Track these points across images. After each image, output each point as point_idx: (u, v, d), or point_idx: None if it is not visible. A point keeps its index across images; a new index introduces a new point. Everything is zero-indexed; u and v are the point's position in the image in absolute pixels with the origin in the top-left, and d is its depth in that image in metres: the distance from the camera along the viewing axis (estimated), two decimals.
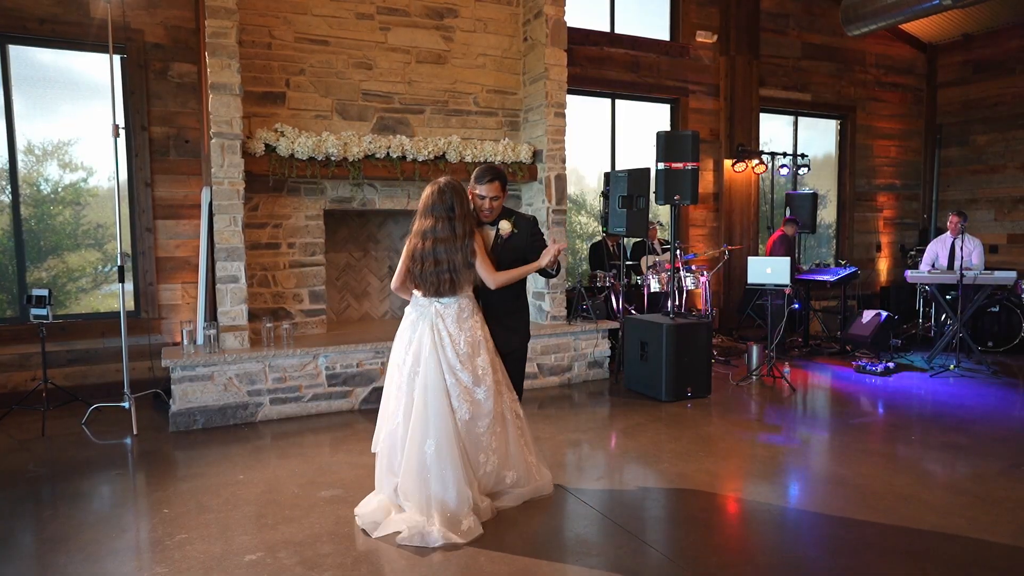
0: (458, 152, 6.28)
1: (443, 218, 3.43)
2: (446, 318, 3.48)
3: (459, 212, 3.45)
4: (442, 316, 3.48)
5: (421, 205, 3.50)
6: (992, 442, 4.75)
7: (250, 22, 5.81)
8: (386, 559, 3.12)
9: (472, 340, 3.50)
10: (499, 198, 3.67)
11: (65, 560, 3.10)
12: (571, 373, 6.55)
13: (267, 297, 6.00)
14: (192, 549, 3.19)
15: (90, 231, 6.19)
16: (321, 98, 6.14)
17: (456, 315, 3.49)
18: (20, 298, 5.77)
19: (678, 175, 6.07)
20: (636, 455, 4.52)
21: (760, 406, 5.80)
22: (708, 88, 8.89)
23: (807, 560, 3.10)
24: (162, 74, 6.03)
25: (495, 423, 3.51)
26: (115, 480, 4.13)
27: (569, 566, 3.06)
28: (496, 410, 3.51)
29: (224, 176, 5.33)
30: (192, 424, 5.11)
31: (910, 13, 8.19)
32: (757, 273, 6.55)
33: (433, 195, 3.46)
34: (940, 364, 7.02)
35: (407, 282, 3.55)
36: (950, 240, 7.68)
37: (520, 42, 6.91)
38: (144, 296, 6.10)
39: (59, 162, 6.03)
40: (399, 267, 3.55)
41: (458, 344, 3.46)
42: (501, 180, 3.66)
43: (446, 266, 3.41)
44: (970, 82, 10.11)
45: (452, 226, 3.43)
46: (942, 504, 3.70)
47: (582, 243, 8.67)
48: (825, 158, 10.24)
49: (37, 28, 5.63)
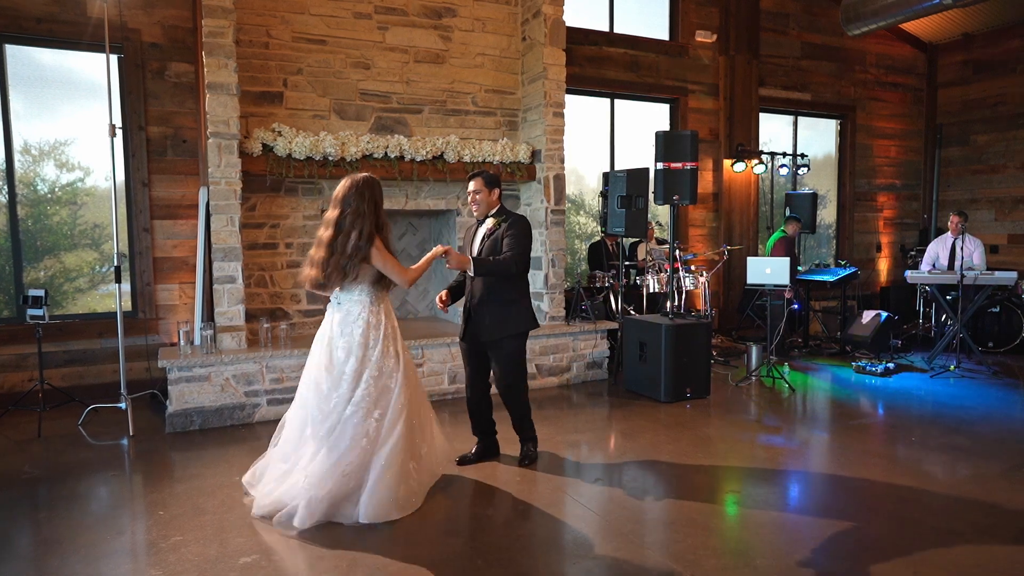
0: (456, 152, 6.26)
1: (349, 212, 3.51)
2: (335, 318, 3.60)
3: (357, 208, 3.50)
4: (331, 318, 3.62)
5: (334, 195, 3.59)
6: (993, 443, 4.73)
7: (247, 21, 5.79)
8: (383, 560, 3.10)
9: (347, 346, 3.55)
10: (480, 192, 4.05)
11: (60, 562, 3.08)
12: (570, 374, 6.53)
13: (264, 297, 5.98)
14: (187, 551, 3.17)
15: (87, 231, 6.17)
16: (319, 98, 6.12)
17: (343, 318, 3.58)
18: (16, 298, 5.75)
19: (677, 175, 6.05)
20: (635, 456, 4.50)
21: (759, 407, 5.78)
22: (707, 88, 8.87)
23: (806, 563, 3.07)
24: (159, 74, 6.01)
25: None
26: (111, 482, 4.11)
27: (567, 568, 3.04)
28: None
29: (221, 176, 5.31)
30: (189, 425, 5.09)
31: (910, 12, 8.17)
32: (756, 273, 6.53)
33: (346, 188, 3.55)
34: (940, 365, 7.00)
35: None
36: (951, 240, 7.66)
37: (519, 42, 6.89)
38: (141, 296, 6.09)
39: (56, 162, 6.01)
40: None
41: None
42: (483, 177, 4.07)
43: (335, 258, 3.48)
44: (970, 82, 10.09)
45: (349, 221, 3.49)
46: (942, 506, 3.68)
47: (581, 243, 8.65)
48: (825, 158, 10.22)
49: (34, 27, 5.61)
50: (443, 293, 4.19)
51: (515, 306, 4.05)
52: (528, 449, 4.34)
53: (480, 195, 4.06)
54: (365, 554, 3.14)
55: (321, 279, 3.52)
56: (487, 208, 4.13)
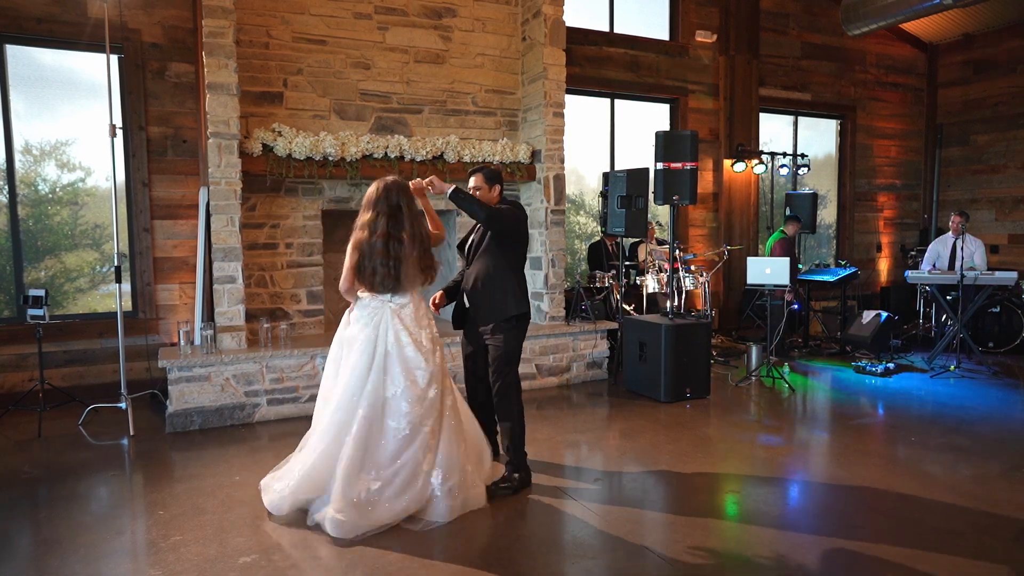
0: (456, 152, 6.26)
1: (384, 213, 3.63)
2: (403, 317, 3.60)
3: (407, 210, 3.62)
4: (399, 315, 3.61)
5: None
6: (993, 443, 4.73)
7: (248, 22, 5.79)
8: (380, 562, 3.10)
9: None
10: (480, 188, 4.03)
11: (60, 562, 3.09)
12: (570, 374, 6.53)
13: (265, 297, 5.98)
14: (187, 551, 3.18)
15: (88, 231, 6.17)
16: (319, 98, 6.12)
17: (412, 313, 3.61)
18: (17, 298, 5.76)
19: (677, 175, 6.05)
20: (635, 456, 4.50)
21: (759, 407, 5.78)
22: (708, 88, 8.87)
23: (806, 562, 3.08)
24: (159, 74, 6.01)
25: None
26: (111, 481, 4.11)
27: (567, 568, 3.05)
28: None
29: (221, 176, 5.31)
30: (189, 425, 5.09)
31: (910, 13, 8.17)
32: (756, 274, 6.53)
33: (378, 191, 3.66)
34: (940, 365, 7.00)
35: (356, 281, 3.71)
36: (951, 240, 7.65)
37: (519, 42, 6.89)
38: (141, 296, 6.09)
39: (57, 162, 6.02)
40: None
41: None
42: (483, 173, 4.05)
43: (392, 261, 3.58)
44: (971, 82, 10.09)
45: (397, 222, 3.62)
46: (942, 506, 3.68)
47: (581, 243, 8.66)
48: (825, 158, 10.21)
49: (34, 27, 5.61)
50: (438, 295, 4.15)
51: (510, 289, 3.93)
52: (511, 476, 3.87)
53: (480, 191, 4.02)
54: (364, 553, 3.15)
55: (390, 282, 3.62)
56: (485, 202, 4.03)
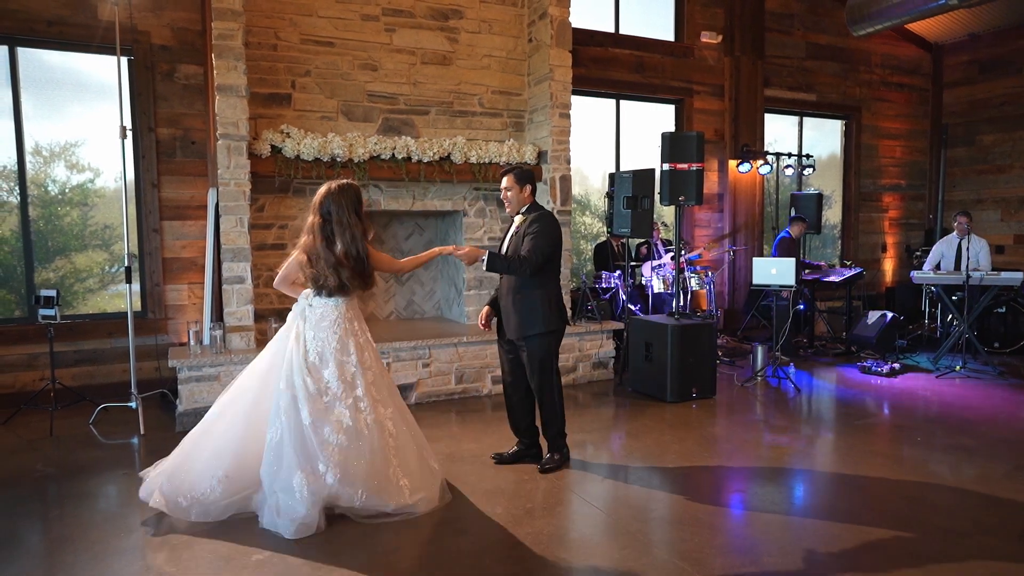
0: (463, 153, 6.29)
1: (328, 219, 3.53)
2: (308, 319, 3.56)
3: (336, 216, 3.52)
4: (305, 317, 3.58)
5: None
6: (998, 444, 4.74)
7: (256, 24, 5.83)
8: (394, 556, 3.13)
9: (319, 349, 3.51)
10: (512, 189, 3.99)
11: (72, 559, 3.12)
12: (576, 374, 6.56)
13: (273, 298, 6.01)
14: (200, 549, 3.21)
15: (97, 232, 6.22)
16: (327, 99, 6.16)
17: (317, 319, 3.55)
18: (28, 298, 5.81)
19: (683, 176, 6.07)
20: (641, 456, 4.53)
21: (765, 407, 5.79)
22: (713, 88, 8.88)
23: (812, 562, 3.09)
24: (169, 76, 6.06)
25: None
26: (122, 480, 4.15)
27: (574, 567, 3.07)
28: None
29: (230, 177, 5.35)
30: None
31: (916, 13, 8.16)
32: (762, 274, 6.54)
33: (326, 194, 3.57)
34: (946, 365, 7.00)
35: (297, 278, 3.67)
36: (956, 240, 7.65)
37: (525, 43, 6.92)
38: (151, 297, 6.13)
39: (67, 163, 6.07)
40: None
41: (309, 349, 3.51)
42: (514, 174, 4.01)
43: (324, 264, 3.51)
44: (976, 82, 10.08)
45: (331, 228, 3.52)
46: (948, 506, 3.70)
47: (587, 244, 8.68)
48: (830, 158, 10.21)
49: (45, 30, 5.66)
50: (485, 311, 4.14)
51: (540, 304, 3.94)
52: (552, 457, 4.23)
53: (511, 192, 3.98)
54: (375, 552, 3.18)
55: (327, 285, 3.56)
56: (518, 205, 4.05)
